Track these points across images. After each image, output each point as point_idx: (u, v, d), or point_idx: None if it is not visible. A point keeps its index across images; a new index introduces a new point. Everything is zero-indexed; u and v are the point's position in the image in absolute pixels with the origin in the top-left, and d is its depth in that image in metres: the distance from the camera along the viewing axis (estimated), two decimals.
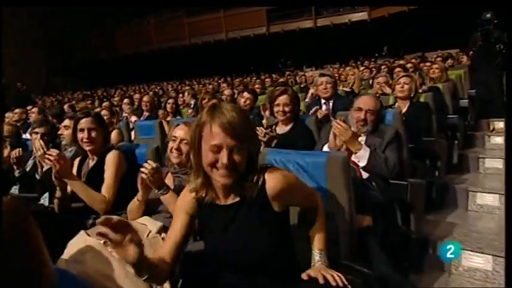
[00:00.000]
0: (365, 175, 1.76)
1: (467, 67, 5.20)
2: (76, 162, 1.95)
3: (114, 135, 3.17)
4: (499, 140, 3.83)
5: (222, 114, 0.97)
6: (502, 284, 1.79)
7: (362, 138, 1.92)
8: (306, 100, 3.63)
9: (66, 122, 2.50)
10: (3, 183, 2.52)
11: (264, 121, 2.89)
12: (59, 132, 2.52)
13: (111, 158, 1.77)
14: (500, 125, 4.33)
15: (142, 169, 1.51)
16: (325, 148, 1.89)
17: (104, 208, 1.68)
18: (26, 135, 3.55)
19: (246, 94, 3.29)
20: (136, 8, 15.50)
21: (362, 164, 1.73)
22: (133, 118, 4.15)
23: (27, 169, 2.56)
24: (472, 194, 2.57)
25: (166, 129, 3.46)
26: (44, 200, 2.21)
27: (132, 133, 3.64)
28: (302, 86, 6.42)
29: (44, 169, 2.22)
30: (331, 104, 2.81)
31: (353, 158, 1.74)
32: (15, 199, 0.61)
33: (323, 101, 2.88)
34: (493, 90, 4.65)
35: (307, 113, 2.87)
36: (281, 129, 2.29)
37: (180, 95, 5.51)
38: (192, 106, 4.69)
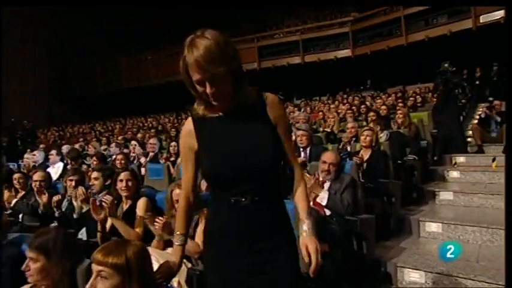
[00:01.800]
0: (328, 212, 2.43)
1: (431, 108, 6.04)
2: None
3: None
4: (456, 174, 4.57)
5: (195, 48, 1.01)
6: None
7: (327, 184, 2.61)
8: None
9: (95, 174, 3.12)
10: (44, 221, 3.14)
11: None
12: (90, 183, 3.12)
13: (141, 202, 2.43)
14: (460, 159, 5.10)
15: (156, 220, 2.07)
16: None
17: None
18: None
19: None
20: (138, 42, 16.57)
21: (323, 203, 2.41)
22: (142, 159, 4.81)
23: (63, 209, 3.18)
24: (422, 223, 3.24)
25: (172, 170, 4.13)
26: (82, 235, 2.82)
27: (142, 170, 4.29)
28: (290, 122, 7.19)
29: (84, 210, 2.83)
30: (307, 152, 3.53)
31: (317, 199, 2.42)
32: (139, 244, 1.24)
33: (301, 149, 3.60)
34: (454, 130, 5.45)
35: None
36: None
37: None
38: None
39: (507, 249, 1.61)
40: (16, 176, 3.79)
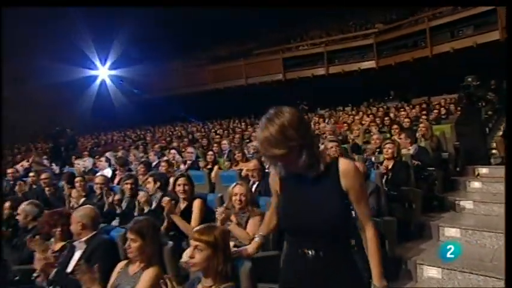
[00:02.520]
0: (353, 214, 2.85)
1: (455, 120, 6.31)
2: None
3: None
4: (477, 184, 4.83)
5: (260, 130, 1.22)
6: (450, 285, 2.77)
7: None
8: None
9: (150, 179, 3.69)
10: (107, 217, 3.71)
11: None
12: (147, 187, 3.68)
13: (196, 203, 2.95)
14: (483, 170, 5.34)
15: (217, 213, 2.58)
16: None
17: None
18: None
19: None
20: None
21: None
22: (182, 166, 5.38)
23: (123, 208, 3.76)
24: (442, 228, 3.59)
25: (212, 175, 4.67)
26: None
27: None
28: (316, 133, 7.58)
29: (146, 210, 3.37)
30: None
31: None
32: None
33: None
34: (477, 142, 5.70)
35: None
36: None
37: (215, 145, 6.75)
38: (226, 155, 5.93)
39: (507, 249, 1.81)
40: (77, 179, 4.44)
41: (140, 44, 17.11)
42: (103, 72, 19.55)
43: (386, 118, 7.14)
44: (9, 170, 6.30)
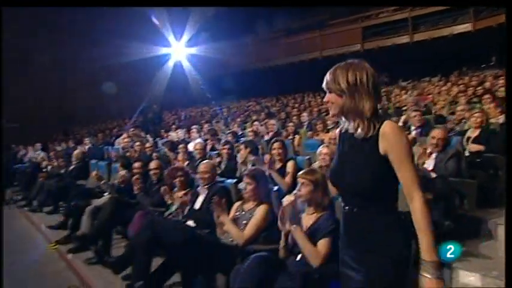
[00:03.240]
0: (433, 175, 3.28)
1: None
2: None
3: None
4: None
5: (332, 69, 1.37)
6: None
7: (434, 154, 3.44)
8: (399, 124, 5.12)
9: (242, 146, 4.49)
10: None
11: None
12: (241, 153, 4.49)
13: (290, 163, 3.66)
14: None
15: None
16: None
17: None
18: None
19: None
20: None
21: (429, 168, 3.27)
22: (265, 136, 6.15)
23: (222, 169, 4.65)
24: None
25: (296, 145, 5.35)
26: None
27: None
28: (396, 106, 7.67)
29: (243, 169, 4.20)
30: (419, 131, 4.32)
31: (424, 165, 3.29)
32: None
33: (413, 127, 4.40)
34: None
35: None
36: None
37: (294, 117, 7.41)
38: (306, 126, 6.56)
39: (507, 249, 1.89)
40: (181, 146, 5.51)
41: (212, 20, 18.22)
42: (177, 50, 21.14)
43: (479, 88, 6.98)
44: (120, 140, 7.84)
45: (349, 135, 1.40)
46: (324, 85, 1.39)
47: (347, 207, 1.40)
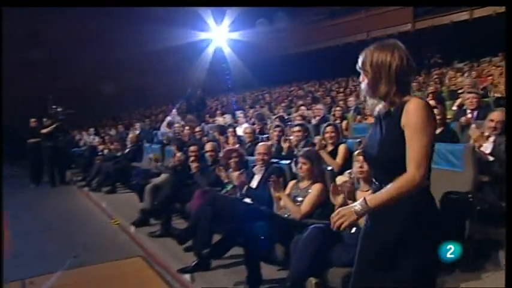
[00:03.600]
0: (491, 158, 3.33)
1: None
2: None
3: None
4: None
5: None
6: None
7: (492, 138, 3.47)
8: (454, 108, 5.10)
9: (296, 128, 4.71)
10: None
11: None
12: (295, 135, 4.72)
13: (342, 146, 3.85)
14: None
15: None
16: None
17: None
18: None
19: None
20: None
21: (487, 151, 3.32)
22: (313, 121, 6.34)
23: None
24: None
25: (344, 129, 5.49)
26: None
27: None
28: (450, 89, 7.47)
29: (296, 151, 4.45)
30: (475, 114, 4.31)
31: (481, 149, 3.33)
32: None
33: (469, 110, 4.39)
34: None
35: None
36: None
37: (341, 102, 7.51)
38: (353, 110, 6.65)
39: (507, 249, 1.93)
40: (230, 130, 5.85)
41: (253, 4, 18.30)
42: (218, 35, 21.52)
43: None
44: (164, 124, 8.42)
45: (381, 112, 1.49)
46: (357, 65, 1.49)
47: (377, 184, 1.49)
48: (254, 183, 3.52)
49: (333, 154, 3.84)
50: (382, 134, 1.45)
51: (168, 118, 10.46)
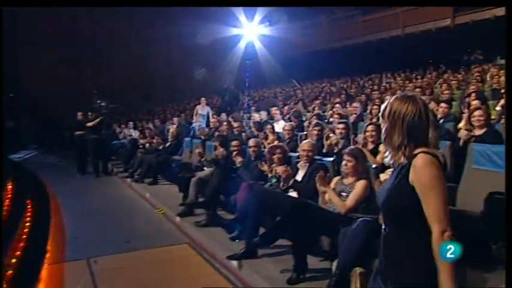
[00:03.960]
0: None
1: None
2: None
3: None
4: None
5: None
6: None
7: None
8: (497, 108, 5.06)
9: (340, 126, 4.87)
10: None
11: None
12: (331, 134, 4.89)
13: (382, 146, 3.99)
14: None
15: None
16: None
17: None
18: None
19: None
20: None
21: None
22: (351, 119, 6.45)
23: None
24: None
25: None
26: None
27: None
28: (493, 88, 7.28)
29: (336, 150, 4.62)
30: None
31: None
32: None
33: None
34: None
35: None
36: (477, 131, 4.00)
37: (377, 100, 7.55)
38: None
39: (508, 249, 1.97)
40: (268, 126, 6.06)
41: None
42: (249, 31, 21.67)
43: None
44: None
45: (396, 163, 1.54)
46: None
47: (383, 227, 1.57)
48: (298, 178, 3.72)
49: (374, 152, 3.97)
50: (391, 182, 1.52)
51: (198, 108, 10.77)
